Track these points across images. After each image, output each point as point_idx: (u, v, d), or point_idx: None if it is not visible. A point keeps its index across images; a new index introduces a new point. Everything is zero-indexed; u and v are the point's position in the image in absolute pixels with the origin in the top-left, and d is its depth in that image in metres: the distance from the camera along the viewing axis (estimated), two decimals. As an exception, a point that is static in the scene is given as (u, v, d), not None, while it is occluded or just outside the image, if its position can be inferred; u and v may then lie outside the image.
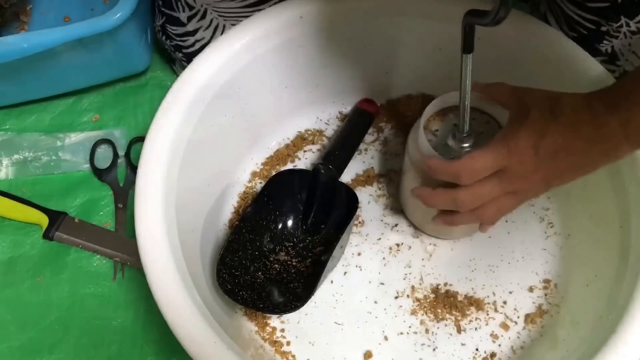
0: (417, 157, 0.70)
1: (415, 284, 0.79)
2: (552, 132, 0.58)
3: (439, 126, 0.71)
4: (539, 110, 0.59)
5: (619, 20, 0.75)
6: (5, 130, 0.95)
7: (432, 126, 0.71)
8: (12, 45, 0.79)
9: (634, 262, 0.66)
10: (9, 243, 0.86)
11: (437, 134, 0.70)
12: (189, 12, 0.87)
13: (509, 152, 0.59)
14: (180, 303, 0.61)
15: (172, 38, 0.91)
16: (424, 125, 0.69)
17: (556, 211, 0.83)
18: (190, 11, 0.87)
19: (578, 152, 0.58)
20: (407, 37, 0.83)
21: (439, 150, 0.67)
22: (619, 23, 0.75)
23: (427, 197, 0.67)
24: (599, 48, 0.78)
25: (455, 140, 0.67)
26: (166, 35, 0.92)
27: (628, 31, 0.75)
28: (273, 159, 0.89)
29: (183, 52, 0.92)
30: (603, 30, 0.77)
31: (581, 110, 0.58)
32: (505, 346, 0.75)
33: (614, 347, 0.59)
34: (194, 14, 0.87)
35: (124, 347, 0.78)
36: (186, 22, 0.89)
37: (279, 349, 0.75)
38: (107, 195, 0.89)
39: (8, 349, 0.79)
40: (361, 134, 0.88)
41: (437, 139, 0.70)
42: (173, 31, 0.91)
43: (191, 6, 0.86)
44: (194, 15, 0.88)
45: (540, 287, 0.78)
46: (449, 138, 0.68)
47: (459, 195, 0.63)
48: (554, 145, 0.58)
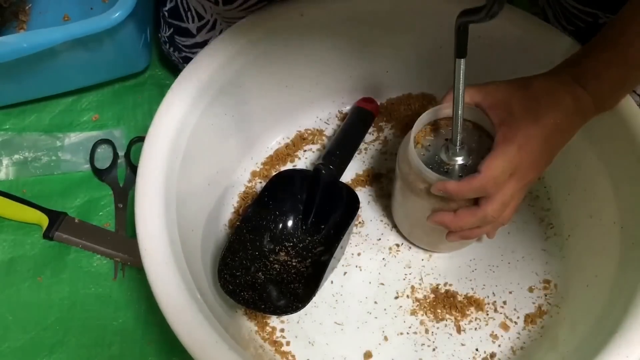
0: (406, 170, 0.69)
1: (415, 284, 0.78)
2: (543, 115, 0.62)
3: (430, 140, 0.69)
4: (519, 101, 0.63)
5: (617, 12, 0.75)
6: (5, 130, 0.95)
7: (422, 139, 0.69)
8: (11, 45, 0.79)
9: (635, 263, 0.65)
10: (10, 243, 0.86)
11: (428, 148, 0.68)
12: (198, 22, 0.87)
13: (519, 148, 0.61)
14: (181, 303, 0.61)
15: (180, 50, 0.90)
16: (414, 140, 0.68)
17: (556, 212, 0.82)
18: (200, 22, 0.87)
19: (565, 125, 0.63)
20: (407, 36, 0.82)
21: (430, 164, 0.66)
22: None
23: (451, 223, 0.67)
24: None
25: (447, 154, 0.66)
26: (174, 47, 0.91)
27: None
28: (273, 159, 0.88)
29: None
30: (601, 23, 0.76)
31: (557, 89, 0.63)
32: (505, 346, 0.74)
33: (615, 348, 0.58)
34: (204, 25, 0.87)
35: (125, 347, 0.78)
36: (196, 33, 0.88)
37: (279, 349, 0.74)
38: (107, 195, 0.89)
39: (9, 349, 0.78)
40: (361, 133, 0.87)
41: (429, 153, 0.68)
42: (182, 42, 0.90)
43: (201, 16, 0.86)
44: (203, 25, 0.87)
45: (540, 288, 0.78)
46: (442, 152, 0.67)
47: (488, 209, 0.63)
48: (550, 127, 0.62)
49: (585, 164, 0.76)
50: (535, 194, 0.84)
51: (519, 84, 0.65)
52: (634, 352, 0.58)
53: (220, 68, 0.74)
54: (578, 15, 0.78)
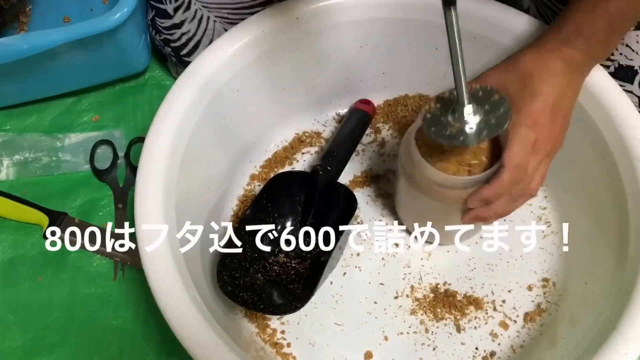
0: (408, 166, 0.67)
1: (415, 283, 0.77)
2: (540, 88, 0.61)
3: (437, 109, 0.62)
4: (513, 82, 0.63)
5: None
6: (5, 131, 0.93)
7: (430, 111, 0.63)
8: (11, 46, 0.78)
9: (632, 260, 0.64)
10: (10, 243, 0.85)
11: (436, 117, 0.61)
12: (175, 3, 0.86)
13: (528, 128, 0.60)
14: (182, 305, 0.60)
15: (160, 32, 0.90)
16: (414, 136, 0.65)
17: (553, 210, 0.81)
18: (176, 2, 0.86)
19: (565, 87, 0.63)
20: (403, 38, 0.81)
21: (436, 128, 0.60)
22: None
23: (488, 214, 0.65)
24: None
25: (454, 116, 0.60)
26: (156, 30, 0.90)
27: None
28: (271, 162, 0.87)
29: (171, 46, 0.90)
30: None
31: (546, 57, 0.63)
32: (505, 345, 0.73)
33: (615, 345, 0.58)
34: (180, 5, 0.86)
35: (124, 347, 0.77)
36: (173, 14, 0.87)
37: (280, 351, 0.73)
38: (107, 195, 0.88)
39: (9, 349, 0.77)
40: (359, 134, 0.85)
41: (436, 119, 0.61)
42: (161, 24, 0.89)
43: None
44: (179, 6, 0.86)
45: (539, 286, 0.76)
46: (448, 114, 0.60)
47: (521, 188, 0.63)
48: (550, 95, 0.62)
49: (581, 162, 0.75)
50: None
51: (508, 65, 0.64)
52: (633, 349, 0.57)
53: (217, 71, 0.74)
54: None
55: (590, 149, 0.73)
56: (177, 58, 0.90)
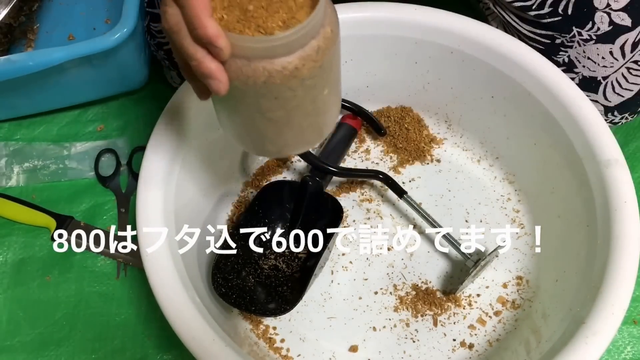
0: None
1: (397, 282, 0.78)
2: None
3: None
4: None
5: (572, 31, 0.74)
6: (16, 140, 0.94)
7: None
8: (18, 63, 0.78)
9: (600, 259, 0.65)
10: (20, 245, 0.85)
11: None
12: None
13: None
14: (180, 303, 0.61)
15: (154, 36, 0.88)
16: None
17: (526, 213, 0.82)
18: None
19: None
20: (385, 53, 0.81)
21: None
22: (572, 33, 0.74)
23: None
24: (557, 59, 0.77)
25: None
26: (150, 35, 0.89)
27: (581, 40, 0.74)
28: (264, 170, 0.87)
29: (164, 49, 0.88)
30: (558, 43, 0.76)
31: None
32: (482, 339, 0.74)
33: (584, 337, 0.58)
34: None
35: (126, 341, 0.78)
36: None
37: (272, 346, 0.74)
38: (111, 200, 0.88)
39: (20, 343, 0.78)
40: (345, 147, 0.86)
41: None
42: (155, 28, 0.87)
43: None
44: None
45: (514, 284, 0.77)
46: None
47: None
48: None
49: (552, 167, 0.76)
50: (507, 197, 0.83)
51: None
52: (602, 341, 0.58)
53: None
54: (535, 38, 0.77)
55: (560, 155, 0.73)
56: (170, 62, 0.89)
